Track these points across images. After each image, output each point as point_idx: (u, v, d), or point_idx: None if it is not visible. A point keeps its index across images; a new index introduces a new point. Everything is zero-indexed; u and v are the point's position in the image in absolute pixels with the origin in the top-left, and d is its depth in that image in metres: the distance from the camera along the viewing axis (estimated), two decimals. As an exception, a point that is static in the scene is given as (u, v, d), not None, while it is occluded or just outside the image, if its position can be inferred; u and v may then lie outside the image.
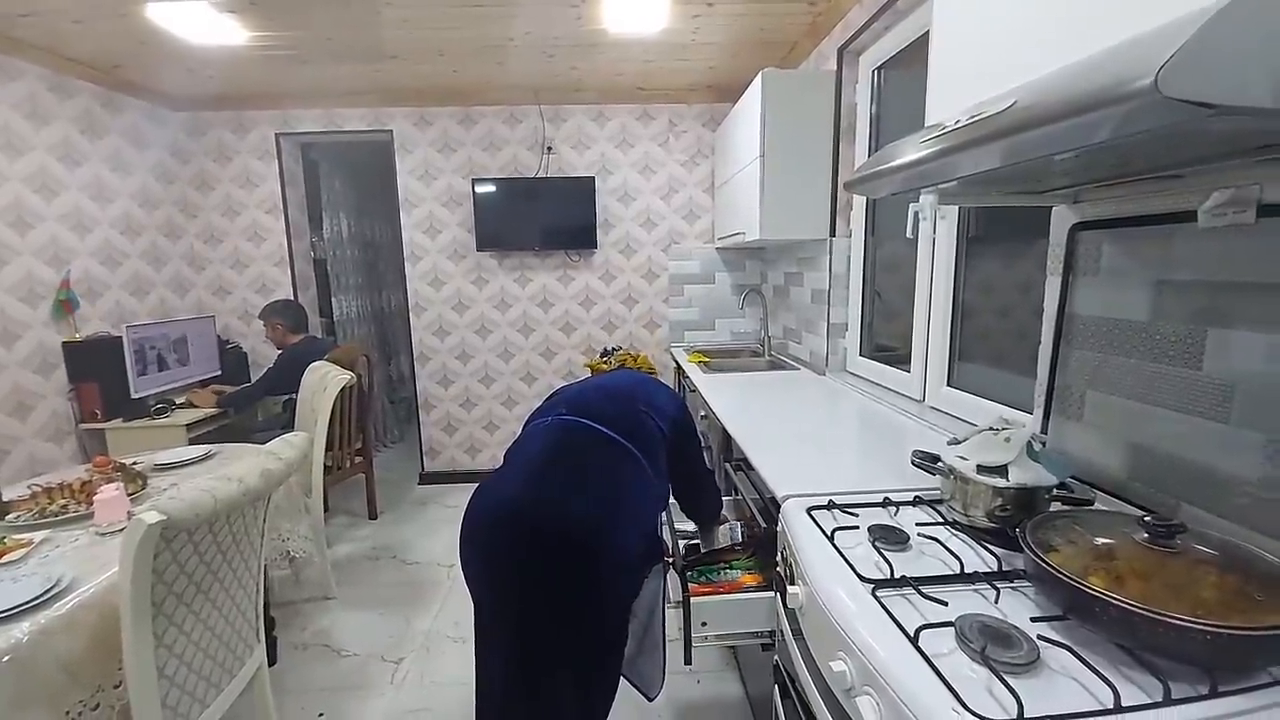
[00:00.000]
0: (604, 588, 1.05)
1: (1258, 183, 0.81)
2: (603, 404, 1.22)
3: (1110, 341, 1.06)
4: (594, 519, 1.03)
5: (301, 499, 2.32)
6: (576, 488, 1.06)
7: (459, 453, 3.70)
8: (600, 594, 1.05)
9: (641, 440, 1.17)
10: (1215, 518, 0.87)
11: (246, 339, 3.52)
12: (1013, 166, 0.75)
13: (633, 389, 1.30)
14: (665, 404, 1.29)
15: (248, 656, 1.45)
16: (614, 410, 1.20)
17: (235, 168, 3.38)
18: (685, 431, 1.31)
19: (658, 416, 1.24)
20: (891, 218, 2.23)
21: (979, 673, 0.66)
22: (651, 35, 2.54)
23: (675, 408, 1.31)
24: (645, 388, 1.32)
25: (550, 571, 1.01)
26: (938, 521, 1.04)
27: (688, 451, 1.31)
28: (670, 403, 1.31)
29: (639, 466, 1.14)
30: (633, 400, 1.25)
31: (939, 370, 1.77)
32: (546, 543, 1.01)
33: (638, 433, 1.17)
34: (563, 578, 1.02)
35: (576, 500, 1.04)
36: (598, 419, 1.16)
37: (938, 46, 1.09)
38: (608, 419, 1.17)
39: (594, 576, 1.03)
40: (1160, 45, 0.49)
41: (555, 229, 3.37)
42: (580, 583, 1.02)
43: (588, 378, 1.49)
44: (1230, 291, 0.87)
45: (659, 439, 1.21)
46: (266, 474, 1.30)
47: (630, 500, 1.10)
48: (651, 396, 1.28)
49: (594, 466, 1.11)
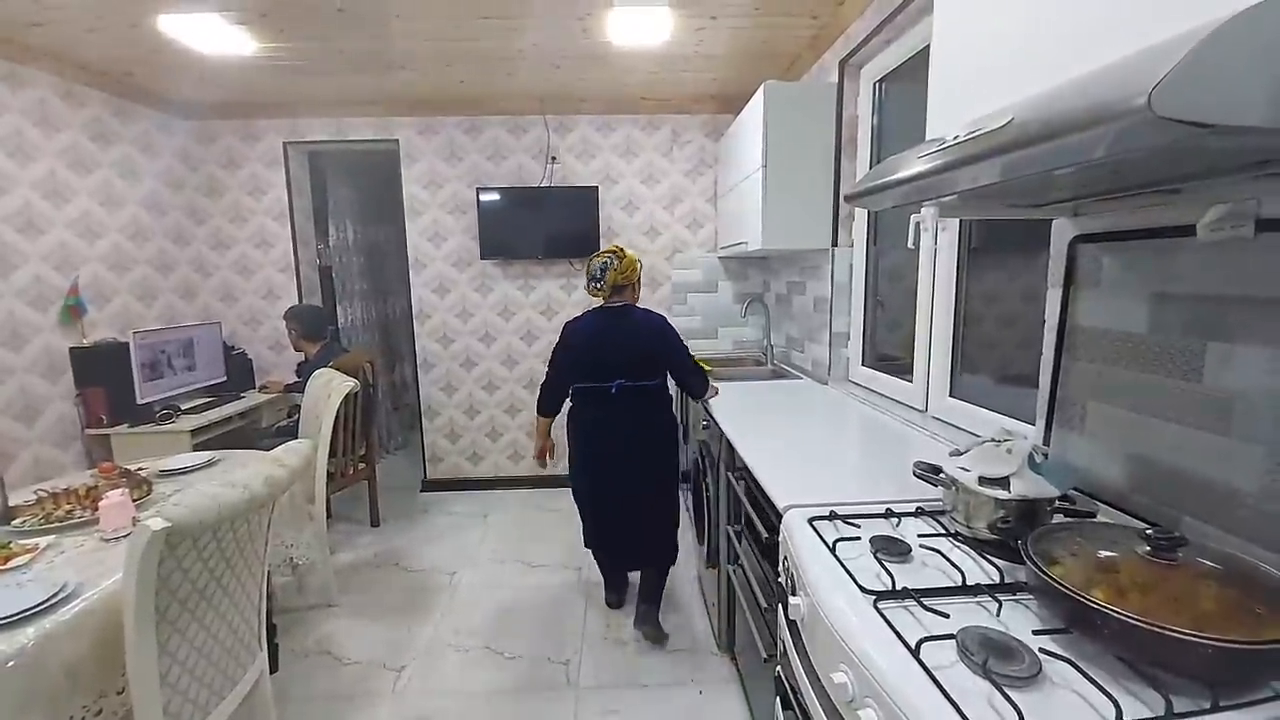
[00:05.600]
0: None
1: (1255, 197, 0.82)
2: (635, 366, 2.05)
3: (1111, 353, 1.06)
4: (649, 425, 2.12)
5: (305, 506, 2.33)
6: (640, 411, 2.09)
7: (461, 460, 3.70)
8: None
9: (653, 372, 2.10)
10: (1217, 530, 0.87)
11: (252, 345, 3.54)
12: (1011, 181, 0.75)
13: (641, 349, 2.06)
14: (660, 351, 2.08)
15: (250, 664, 1.45)
16: (639, 367, 2.06)
17: (244, 175, 3.42)
18: (669, 353, 2.09)
19: (656, 355, 2.09)
20: (894, 228, 2.24)
21: (980, 685, 0.66)
22: (655, 47, 2.57)
23: (667, 351, 2.09)
24: (647, 346, 2.06)
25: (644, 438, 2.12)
26: (940, 533, 1.04)
27: (674, 362, 2.11)
28: (665, 349, 2.09)
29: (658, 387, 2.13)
30: (645, 357, 2.07)
31: (941, 381, 1.78)
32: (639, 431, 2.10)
33: (651, 370, 2.09)
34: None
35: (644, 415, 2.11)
36: (631, 377, 2.05)
37: (938, 61, 1.10)
38: (637, 373, 2.05)
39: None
40: (1154, 65, 0.49)
41: (559, 237, 3.40)
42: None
43: (605, 334, 2.07)
44: (1229, 305, 0.87)
45: (660, 363, 2.11)
46: (270, 480, 1.31)
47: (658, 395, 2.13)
48: (651, 349, 2.07)
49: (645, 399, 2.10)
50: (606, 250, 2.10)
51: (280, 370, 3.54)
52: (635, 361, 2.04)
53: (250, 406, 3.12)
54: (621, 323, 2.07)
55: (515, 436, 3.69)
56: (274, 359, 3.57)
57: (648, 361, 2.06)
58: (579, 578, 2.59)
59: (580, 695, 1.88)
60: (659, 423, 2.13)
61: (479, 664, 2.04)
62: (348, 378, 2.48)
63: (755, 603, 1.49)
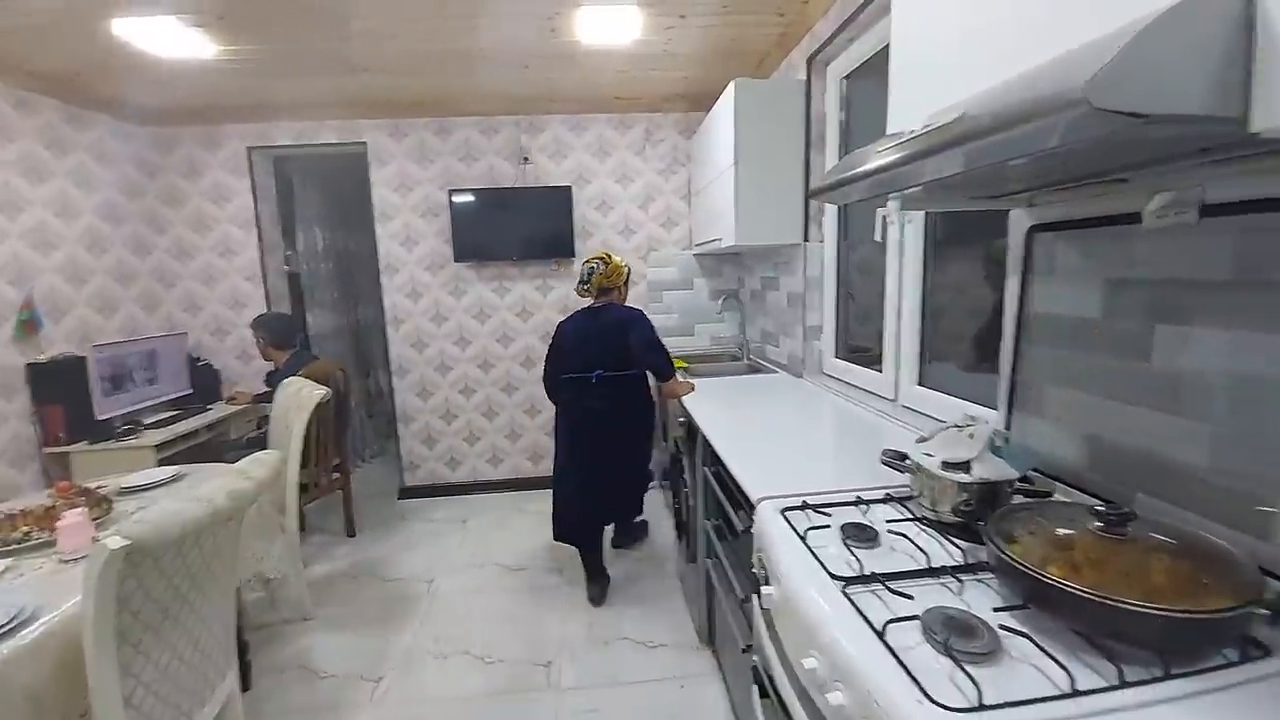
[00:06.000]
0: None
1: (1200, 184, 0.85)
2: (610, 356, 2.32)
3: (1067, 338, 1.10)
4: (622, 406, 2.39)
5: (276, 518, 2.28)
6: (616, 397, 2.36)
7: (440, 465, 3.66)
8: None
9: (626, 361, 2.32)
10: (1168, 505, 0.90)
11: (219, 355, 3.45)
12: (969, 173, 0.77)
13: (613, 341, 2.32)
14: (629, 340, 2.30)
15: (219, 682, 1.41)
16: (616, 357, 2.32)
17: (206, 182, 3.33)
18: (634, 335, 2.30)
19: (629, 343, 2.30)
20: (862, 222, 2.28)
21: (943, 664, 0.68)
22: (625, 46, 2.57)
23: (633, 340, 2.30)
24: (619, 338, 2.31)
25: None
26: (907, 518, 1.06)
27: (644, 359, 2.32)
28: (631, 337, 2.30)
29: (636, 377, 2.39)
30: (617, 347, 2.31)
31: (910, 370, 1.81)
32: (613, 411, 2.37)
33: (626, 359, 2.31)
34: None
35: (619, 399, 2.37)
36: (608, 367, 2.32)
37: (897, 59, 1.12)
38: (614, 364, 2.32)
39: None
40: (1092, 59, 0.51)
41: (533, 238, 3.38)
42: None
43: (588, 329, 2.37)
44: (1176, 288, 0.91)
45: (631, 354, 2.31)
46: (235, 494, 1.28)
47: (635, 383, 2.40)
48: (622, 339, 2.30)
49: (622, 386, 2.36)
50: (595, 256, 2.39)
51: (249, 381, 3.46)
52: (612, 352, 2.31)
53: (218, 419, 3.04)
54: (602, 319, 2.36)
55: (494, 440, 3.66)
56: (242, 369, 3.49)
57: (623, 352, 2.30)
58: (560, 579, 2.58)
59: (561, 696, 1.87)
60: (634, 407, 2.43)
61: (459, 670, 2.02)
62: (319, 386, 2.43)
63: (733, 595, 1.50)
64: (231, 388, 3.42)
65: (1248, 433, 0.80)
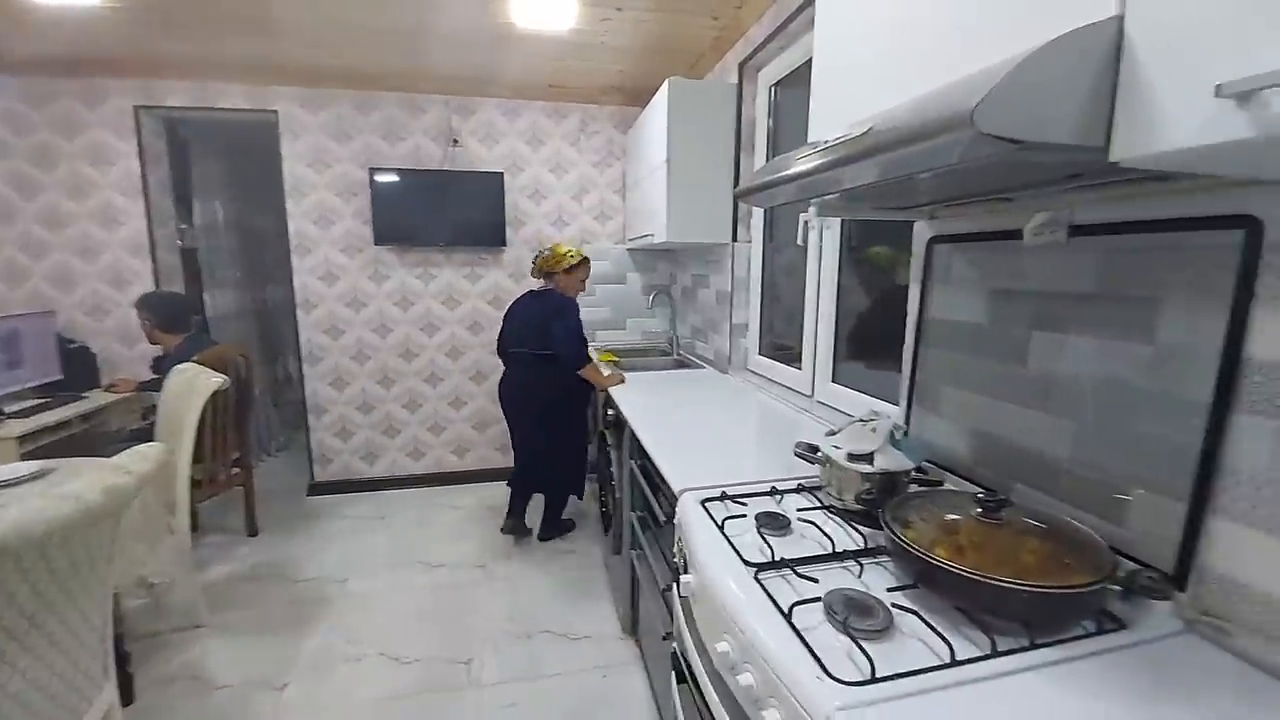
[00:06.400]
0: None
1: (1069, 207, 0.96)
2: (533, 337, 2.53)
3: (959, 342, 1.20)
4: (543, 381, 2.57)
5: (163, 518, 2.08)
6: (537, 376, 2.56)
7: (355, 459, 3.47)
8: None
9: (546, 341, 2.48)
10: (1040, 494, 1.01)
11: (97, 338, 3.09)
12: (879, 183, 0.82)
13: (539, 324, 2.51)
14: (552, 325, 2.47)
15: (96, 696, 1.28)
16: (545, 337, 2.48)
17: (84, 142, 2.96)
18: (557, 332, 2.45)
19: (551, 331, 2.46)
20: (787, 226, 2.37)
21: (842, 641, 0.73)
22: (562, 33, 2.53)
23: (555, 326, 2.46)
24: (544, 321, 2.49)
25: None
26: (816, 506, 1.12)
27: (558, 346, 2.45)
28: (554, 323, 2.47)
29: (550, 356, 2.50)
30: (541, 330, 2.49)
31: (826, 368, 1.92)
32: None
33: (546, 339, 2.48)
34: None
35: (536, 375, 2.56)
36: (539, 346, 2.52)
37: (819, 70, 1.18)
38: (544, 343, 2.49)
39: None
40: (979, 86, 0.56)
41: (462, 225, 3.26)
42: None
43: (526, 310, 2.62)
44: (1050, 300, 1.01)
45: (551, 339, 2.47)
46: (112, 490, 1.16)
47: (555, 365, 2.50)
48: (546, 323, 2.48)
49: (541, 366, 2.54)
50: (550, 244, 2.70)
51: (133, 366, 3.12)
52: (537, 334, 2.50)
53: (95, 408, 2.73)
54: (540, 302, 2.58)
55: (416, 433, 3.52)
56: (124, 354, 3.14)
57: (546, 335, 2.48)
58: (484, 574, 2.53)
59: (482, 692, 1.84)
60: (552, 387, 2.57)
61: (373, 672, 1.93)
62: (215, 373, 2.24)
63: (655, 584, 1.53)
64: (112, 374, 3.08)
65: (1104, 429, 0.91)
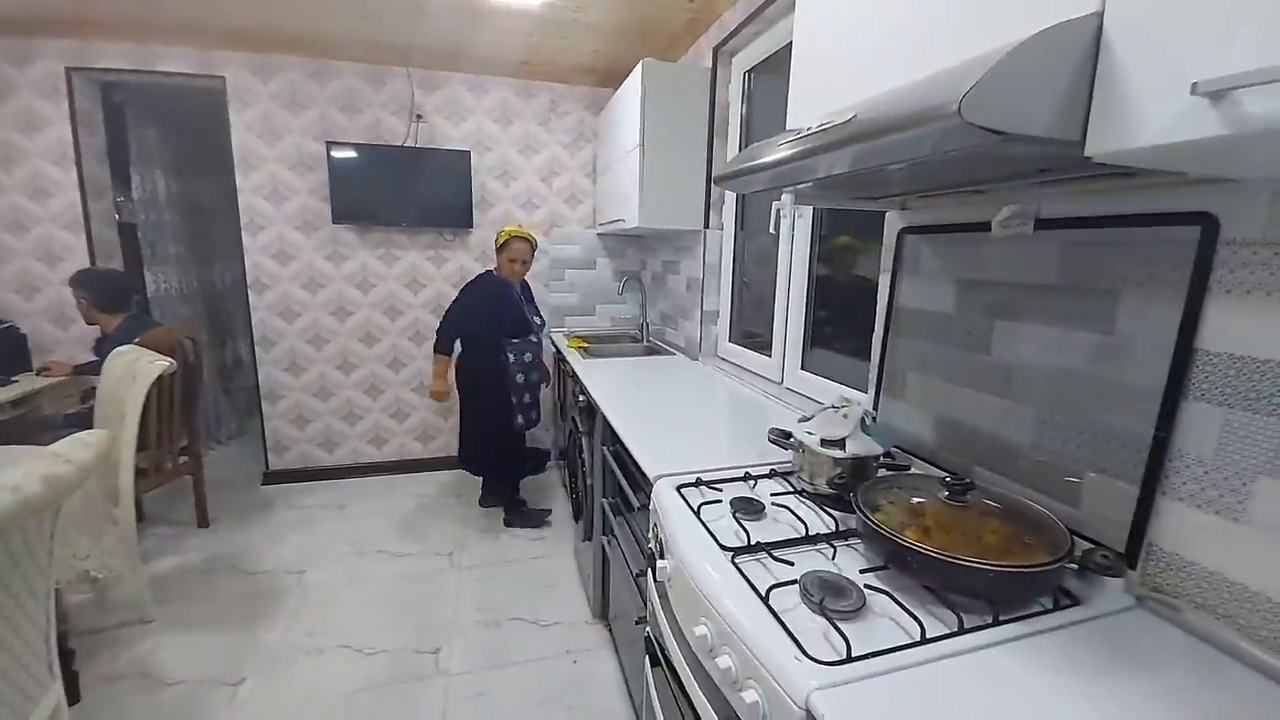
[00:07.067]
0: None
1: (1036, 201, 0.99)
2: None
3: (927, 331, 1.23)
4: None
5: (105, 509, 1.97)
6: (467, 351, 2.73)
7: (313, 447, 3.35)
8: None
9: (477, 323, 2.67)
10: (1001, 477, 1.05)
11: (28, 318, 2.88)
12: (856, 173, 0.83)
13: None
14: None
15: (41, 696, 1.21)
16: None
17: (11, 108, 2.72)
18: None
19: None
20: (759, 213, 2.38)
21: (818, 622, 0.74)
22: (534, 8, 2.45)
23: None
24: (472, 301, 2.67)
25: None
26: (789, 491, 1.14)
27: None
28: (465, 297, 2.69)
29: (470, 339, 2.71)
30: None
31: (795, 355, 1.94)
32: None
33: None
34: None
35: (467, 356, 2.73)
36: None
37: (798, 57, 1.17)
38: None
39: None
40: (966, 77, 0.56)
41: (427, 204, 3.15)
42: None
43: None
44: (1012, 290, 1.05)
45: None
46: (51, 480, 1.08)
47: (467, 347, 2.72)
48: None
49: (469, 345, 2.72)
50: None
51: (67, 348, 2.93)
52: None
53: (25, 393, 2.54)
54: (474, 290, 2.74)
55: (378, 419, 3.42)
56: (58, 335, 2.94)
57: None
58: (449, 563, 2.49)
59: (449, 681, 1.82)
60: (469, 369, 2.70)
61: (334, 664, 1.89)
62: (159, 356, 2.11)
63: (627, 570, 1.54)
64: (44, 357, 2.88)
65: (1061, 415, 0.95)
